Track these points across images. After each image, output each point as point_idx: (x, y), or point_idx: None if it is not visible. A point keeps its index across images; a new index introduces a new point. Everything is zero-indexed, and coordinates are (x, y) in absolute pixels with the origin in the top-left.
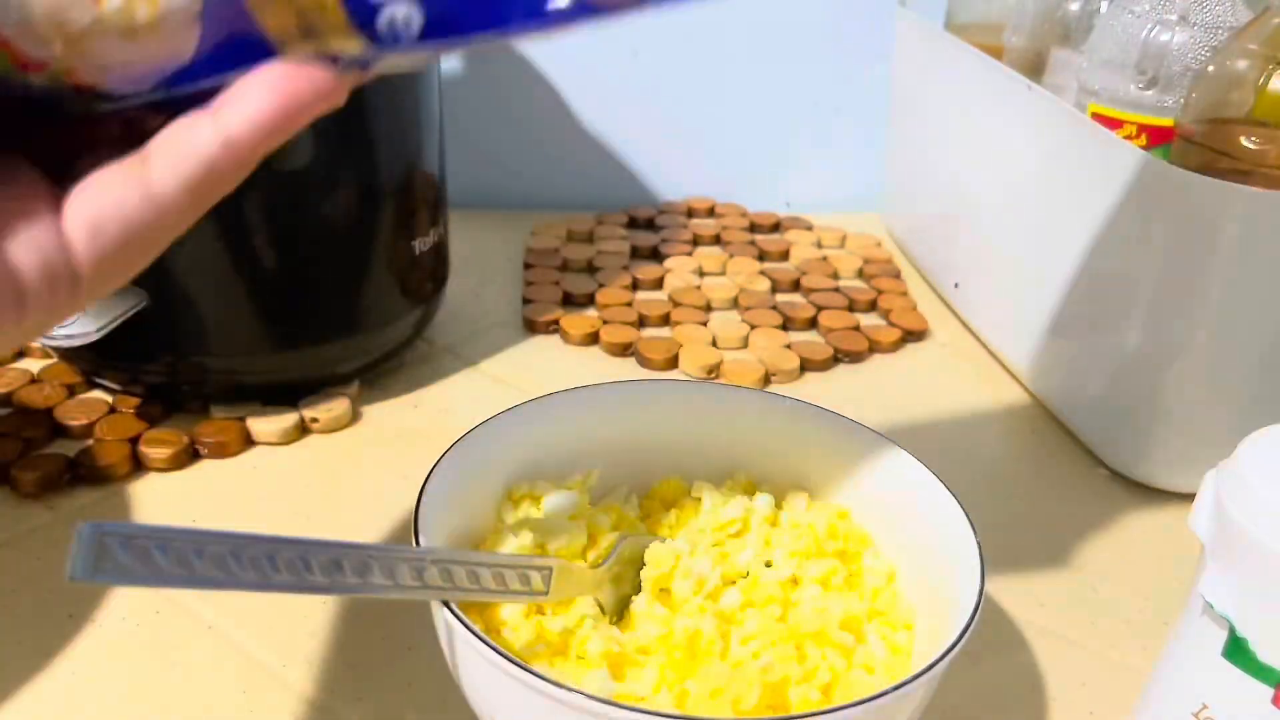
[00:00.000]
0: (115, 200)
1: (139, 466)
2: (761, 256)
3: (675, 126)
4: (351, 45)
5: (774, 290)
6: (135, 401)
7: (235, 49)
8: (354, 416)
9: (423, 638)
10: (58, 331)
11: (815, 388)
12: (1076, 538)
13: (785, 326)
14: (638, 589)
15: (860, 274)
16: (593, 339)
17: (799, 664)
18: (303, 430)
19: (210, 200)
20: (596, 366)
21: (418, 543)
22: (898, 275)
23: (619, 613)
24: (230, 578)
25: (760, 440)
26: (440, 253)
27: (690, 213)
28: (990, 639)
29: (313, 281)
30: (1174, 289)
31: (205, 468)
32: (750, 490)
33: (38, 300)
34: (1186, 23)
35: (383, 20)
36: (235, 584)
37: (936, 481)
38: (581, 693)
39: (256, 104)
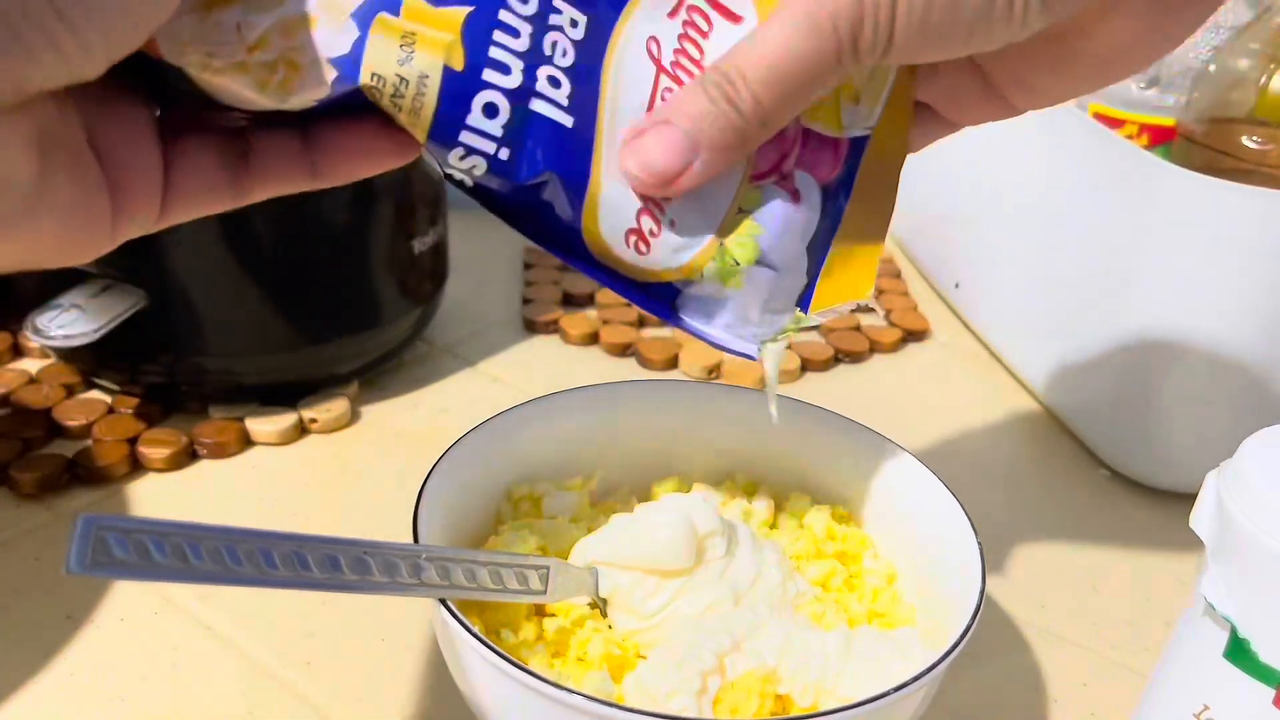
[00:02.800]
0: (209, 205)
1: (137, 467)
2: None
3: None
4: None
5: None
6: (134, 402)
7: (342, 107)
8: (353, 417)
9: (422, 638)
10: (56, 331)
11: (815, 388)
12: (1077, 538)
13: None
14: None
15: None
16: (592, 339)
17: None
18: (301, 431)
19: None
20: (596, 366)
21: (417, 544)
22: (898, 275)
23: None
24: (227, 572)
25: (760, 440)
26: (440, 252)
27: None
28: (991, 640)
29: (311, 281)
30: (1175, 289)
31: (204, 468)
32: (750, 491)
33: (129, 208)
34: None
35: (453, 157)
36: (232, 579)
37: (937, 482)
38: (581, 694)
39: (349, 157)
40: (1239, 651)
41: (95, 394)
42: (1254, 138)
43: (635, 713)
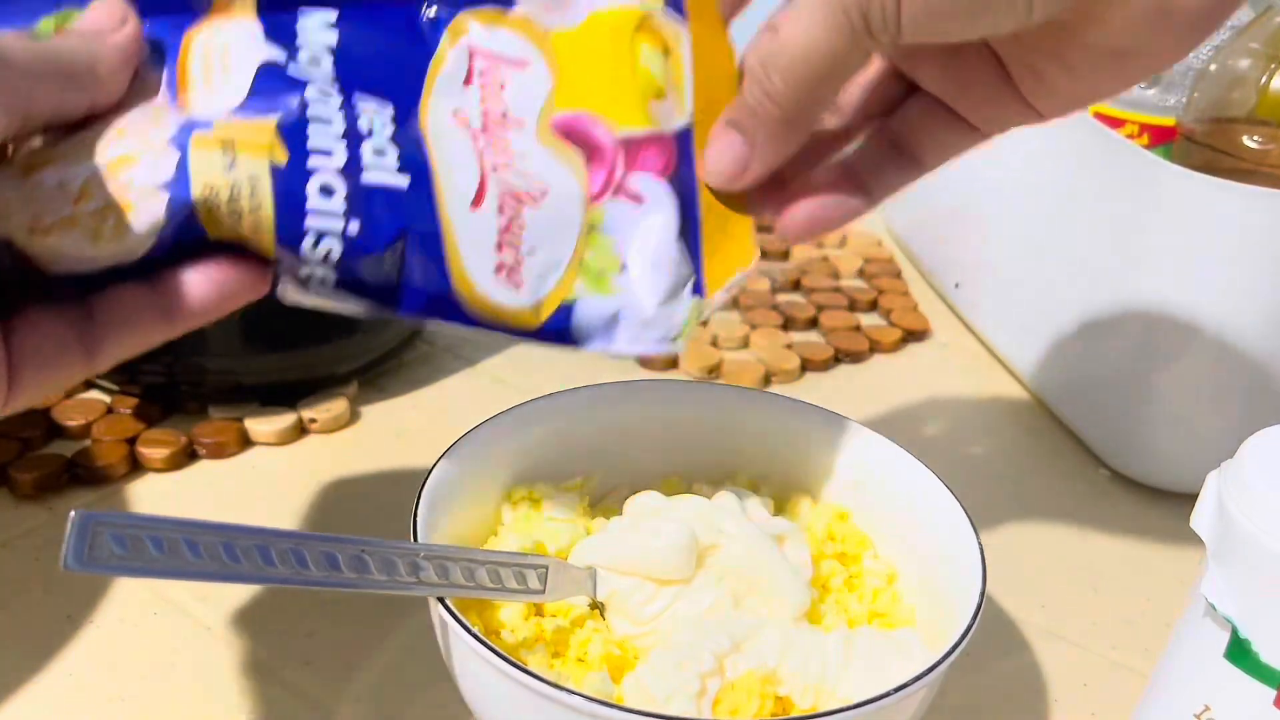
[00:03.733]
0: (62, 372)
1: (137, 467)
2: (762, 255)
3: None
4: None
5: (774, 290)
6: (133, 402)
7: (183, 249)
8: (352, 417)
9: (421, 638)
10: None
11: (815, 388)
12: (1078, 538)
13: (786, 326)
14: None
15: (861, 273)
16: None
17: None
18: (301, 431)
19: None
20: (596, 366)
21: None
22: (898, 275)
23: None
24: (224, 569)
25: (760, 440)
26: None
27: None
28: (991, 640)
29: None
30: (1175, 289)
31: (203, 468)
32: (750, 491)
33: None
34: None
35: (305, 247)
36: (229, 576)
37: (937, 482)
38: (580, 694)
39: (200, 294)
40: (1239, 652)
41: (94, 394)
42: (1254, 137)
43: (635, 713)
